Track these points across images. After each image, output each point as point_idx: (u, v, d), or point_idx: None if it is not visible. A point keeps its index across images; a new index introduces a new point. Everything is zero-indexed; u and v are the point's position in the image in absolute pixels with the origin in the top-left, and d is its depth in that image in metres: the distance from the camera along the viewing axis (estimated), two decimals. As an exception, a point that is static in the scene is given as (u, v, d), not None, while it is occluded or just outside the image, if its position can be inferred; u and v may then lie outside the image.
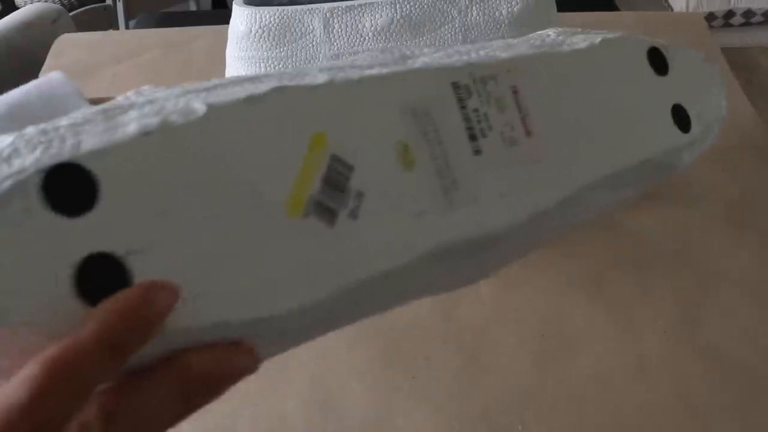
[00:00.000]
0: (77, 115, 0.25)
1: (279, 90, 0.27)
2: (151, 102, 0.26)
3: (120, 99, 0.27)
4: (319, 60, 0.55)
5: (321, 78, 0.28)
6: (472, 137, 0.30)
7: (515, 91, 0.32)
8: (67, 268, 0.22)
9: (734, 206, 0.61)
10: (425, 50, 0.34)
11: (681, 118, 0.38)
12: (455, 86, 0.31)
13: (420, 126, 0.29)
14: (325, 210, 0.26)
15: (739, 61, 1.71)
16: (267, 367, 0.49)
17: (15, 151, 0.22)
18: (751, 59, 1.89)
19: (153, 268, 0.23)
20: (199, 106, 0.25)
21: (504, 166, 0.31)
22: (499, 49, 0.34)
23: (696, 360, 0.50)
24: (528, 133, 0.32)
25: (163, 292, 0.22)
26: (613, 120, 0.35)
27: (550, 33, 0.38)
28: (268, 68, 0.56)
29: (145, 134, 0.24)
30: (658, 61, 0.38)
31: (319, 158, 0.26)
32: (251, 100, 0.26)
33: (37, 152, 0.22)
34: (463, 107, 0.31)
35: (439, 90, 0.30)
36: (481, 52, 0.33)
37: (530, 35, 0.37)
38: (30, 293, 0.21)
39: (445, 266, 0.30)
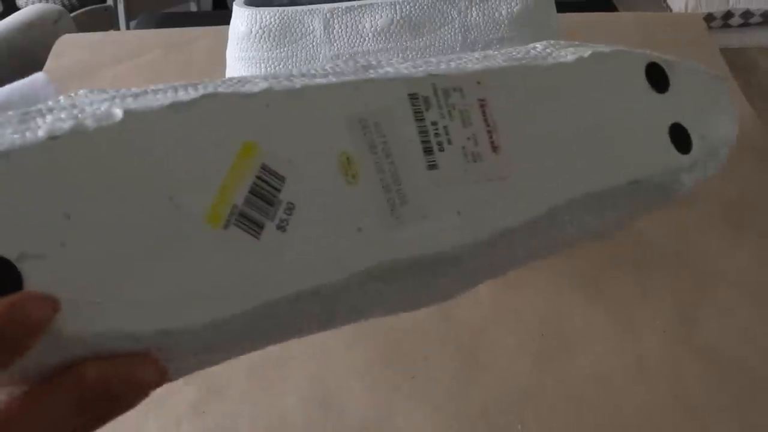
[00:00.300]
0: None
1: (208, 97, 0.26)
2: (72, 106, 0.25)
3: (48, 103, 0.26)
4: (319, 60, 0.55)
5: (260, 86, 0.27)
6: (428, 151, 0.29)
7: (483, 105, 0.31)
8: None
9: (732, 206, 0.62)
10: (393, 60, 0.32)
11: (680, 138, 0.36)
12: (412, 97, 0.30)
13: (367, 137, 0.28)
14: (249, 221, 0.25)
15: (737, 62, 1.71)
16: (266, 365, 0.50)
17: None
18: (750, 60, 1.89)
19: (46, 273, 0.22)
20: (117, 112, 0.24)
21: (463, 182, 0.30)
22: (472, 61, 0.33)
23: (694, 360, 0.50)
24: (495, 148, 0.31)
25: (37, 303, 0.21)
26: (596, 137, 0.33)
27: (537, 46, 0.36)
28: (268, 69, 0.56)
29: (52, 138, 0.23)
30: (657, 77, 0.36)
31: (246, 168, 0.26)
32: (175, 106, 0.25)
33: None
34: (420, 119, 0.29)
35: (393, 101, 0.29)
36: (452, 64, 0.32)
37: (516, 47, 0.36)
38: None
39: (394, 285, 0.28)
